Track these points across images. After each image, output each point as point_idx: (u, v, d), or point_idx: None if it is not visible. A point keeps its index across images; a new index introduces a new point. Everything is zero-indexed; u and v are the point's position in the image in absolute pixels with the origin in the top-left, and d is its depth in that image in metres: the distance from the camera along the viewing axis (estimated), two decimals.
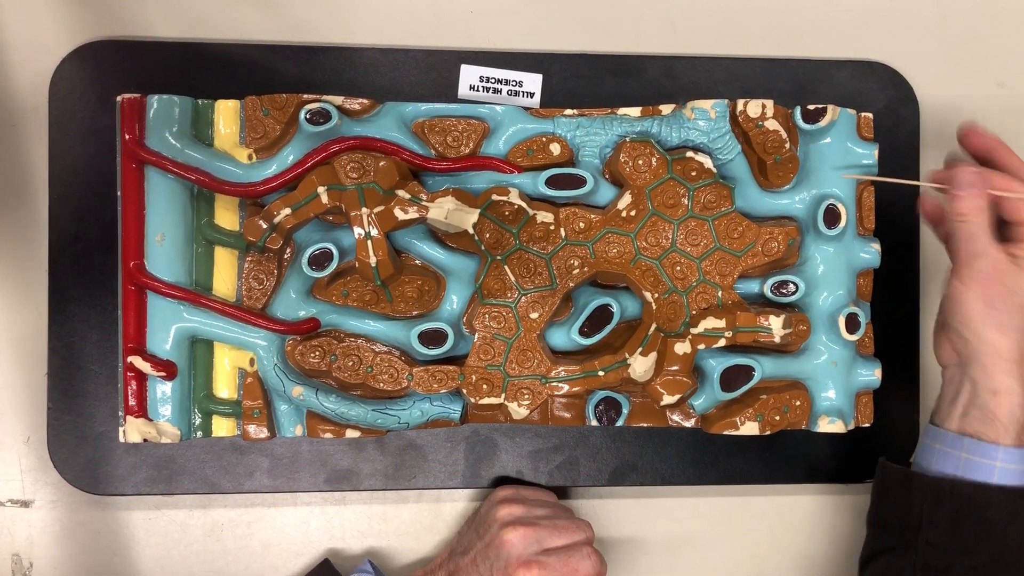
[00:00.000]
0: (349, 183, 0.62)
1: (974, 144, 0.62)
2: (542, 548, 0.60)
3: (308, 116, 0.62)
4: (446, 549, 0.65)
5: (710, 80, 0.70)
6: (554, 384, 0.64)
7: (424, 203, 0.62)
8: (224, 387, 0.65)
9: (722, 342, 0.64)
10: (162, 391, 0.63)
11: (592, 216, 0.64)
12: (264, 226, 0.62)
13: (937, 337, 0.62)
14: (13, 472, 0.68)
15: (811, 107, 0.65)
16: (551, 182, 0.64)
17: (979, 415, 0.58)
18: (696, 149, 0.65)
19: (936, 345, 0.62)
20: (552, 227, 0.64)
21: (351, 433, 0.65)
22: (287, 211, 0.62)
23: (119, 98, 0.63)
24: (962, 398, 0.59)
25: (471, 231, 0.63)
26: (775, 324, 0.63)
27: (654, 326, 0.64)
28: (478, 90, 0.68)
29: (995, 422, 0.57)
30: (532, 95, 0.68)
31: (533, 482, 0.69)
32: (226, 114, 0.64)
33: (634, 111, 0.66)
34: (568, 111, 0.66)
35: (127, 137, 0.62)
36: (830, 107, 0.65)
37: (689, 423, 0.67)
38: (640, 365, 0.63)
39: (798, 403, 0.65)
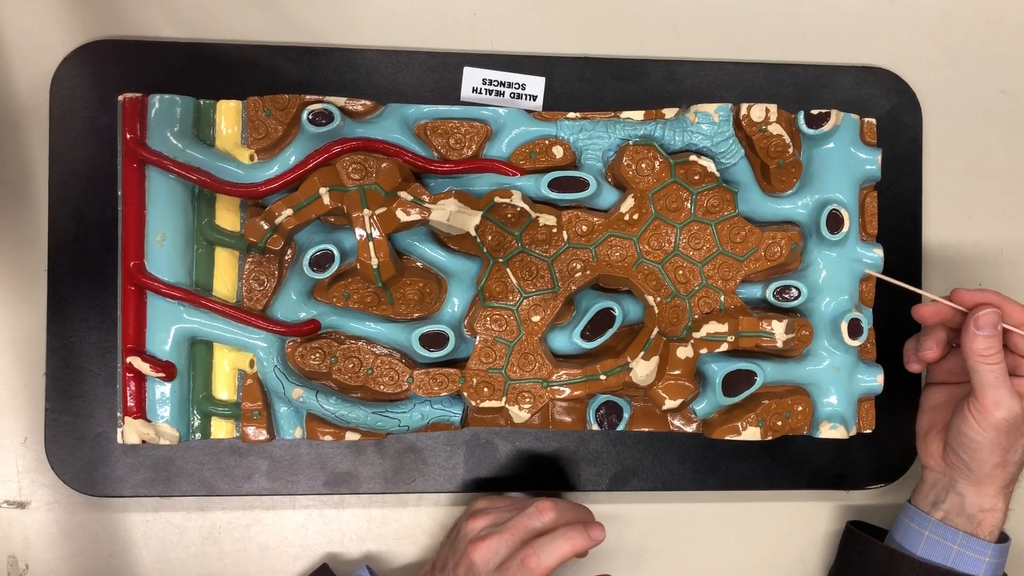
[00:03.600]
0: (351, 184, 0.62)
1: (967, 301, 0.63)
2: (500, 559, 0.58)
3: (310, 117, 0.62)
4: (429, 561, 0.65)
5: (713, 84, 0.70)
6: (555, 388, 0.64)
7: (426, 205, 0.62)
8: (223, 388, 0.65)
9: (724, 347, 0.63)
10: (161, 392, 0.63)
11: (595, 219, 0.64)
12: (265, 227, 0.62)
13: (925, 443, 0.65)
14: (10, 473, 0.67)
15: (814, 112, 0.65)
16: (554, 185, 0.64)
17: (964, 522, 0.63)
18: (699, 153, 0.64)
19: (923, 450, 0.65)
20: (554, 230, 0.64)
21: (351, 436, 0.64)
22: (288, 212, 0.62)
23: (121, 97, 0.63)
24: (946, 505, 0.64)
25: (473, 233, 0.63)
26: (777, 329, 0.63)
27: (656, 330, 0.64)
28: (481, 92, 0.68)
29: (978, 531, 0.62)
30: (535, 98, 0.68)
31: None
32: (228, 114, 0.64)
33: (637, 114, 0.65)
34: (571, 114, 0.66)
35: (128, 137, 0.62)
36: (833, 112, 0.65)
37: (690, 428, 0.67)
38: (642, 369, 0.63)
39: (800, 408, 0.65)
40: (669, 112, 0.65)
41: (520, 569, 0.57)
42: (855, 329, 0.65)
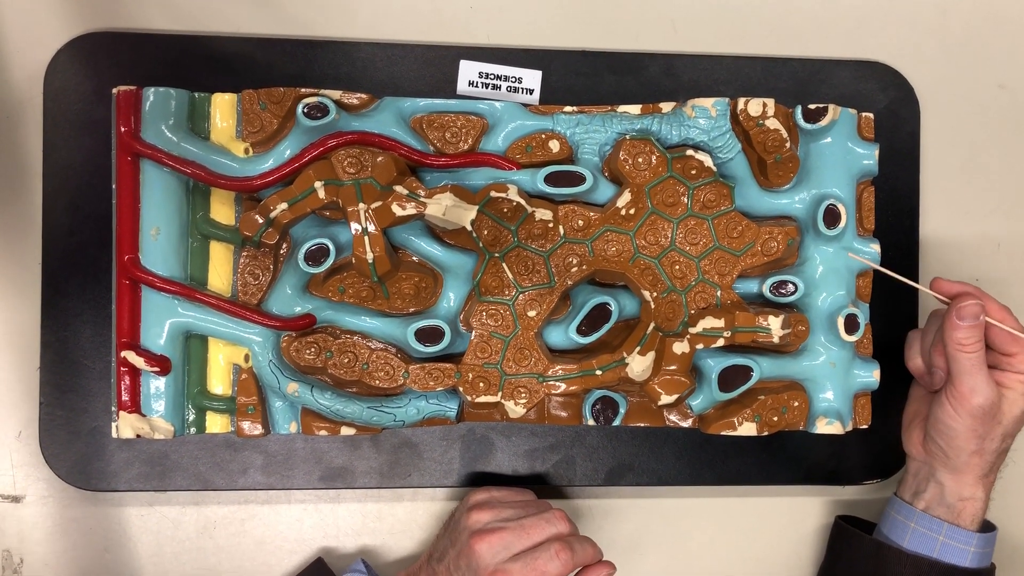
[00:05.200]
0: (346, 178, 0.62)
1: (948, 291, 0.63)
2: (510, 554, 0.58)
3: (306, 110, 0.62)
4: (425, 552, 0.65)
5: (710, 79, 0.69)
6: (551, 383, 0.63)
7: (422, 199, 0.62)
8: (218, 383, 0.65)
9: (721, 342, 0.63)
10: (156, 387, 0.63)
11: (591, 214, 0.64)
12: (260, 221, 0.62)
13: (908, 433, 0.66)
14: (4, 467, 0.67)
15: (812, 106, 0.65)
16: (550, 179, 0.63)
17: (945, 512, 0.63)
18: (696, 147, 0.64)
19: (906, 439, 0.66)
20: (551, 225, 0.63)
21: (346, 430, 0.64)
22: (283, 206, 0.62)
23: (115, 90, 0.62)
24: (927, 494, 0.64)
25: (469, 228, 0.63)
26: (774, 324, 0.63)
27: (652, 325, 0.63)
28: (477, 86, 0.68)
29: (959, 520, 0.63)
30: (531, 92, 0.68)
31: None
32: (223, 107, 0.64)
33: (634, 109, 0.65)
34: (568, 108, 0.65)
35: (123, 130, 0.62)
36: (831, 107, 0.65)
37: (686, 423, 0.66)
38: (638, 364, 0.63)
39: (796, 404, 0.65)
40: (666, 106, 0.65)
41: (552, 560, 0.58)
42: (852, 324, 0.65)
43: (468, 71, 0.68)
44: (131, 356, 0.62)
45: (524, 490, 0.65)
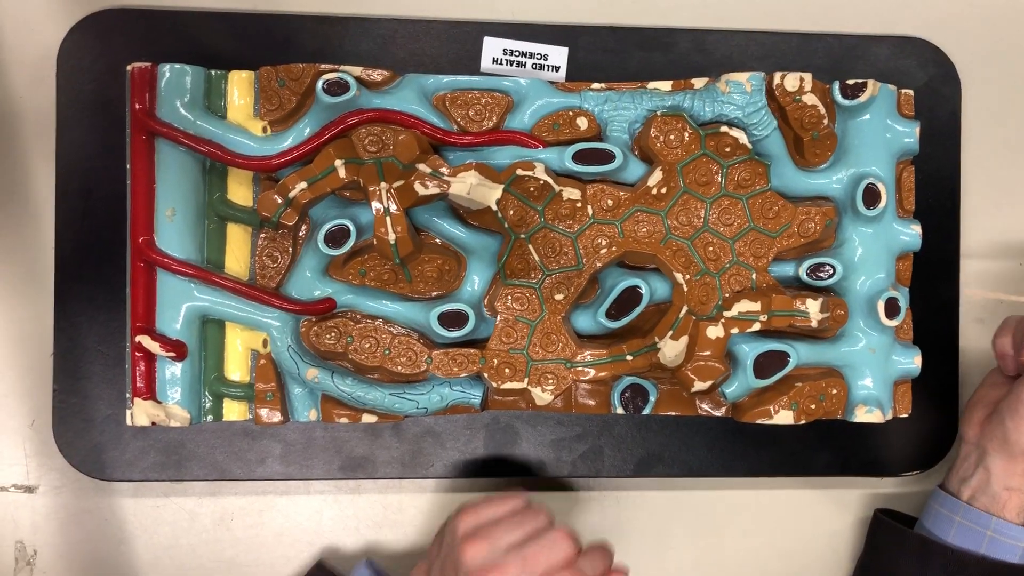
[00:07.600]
0: (368, 157, 0.60)
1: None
2: None
3: (325, 86, 0.60)
4: (424, 565, 0.58)
5: (743, 55, 0.67)
6: (580, 369, 0.61)
7: (445, 178, 0.60)
8: (236, 369, 0.63)
9: (756, 326, 0.61)
10: (171, 373, 0.61)
11: (621, 193, 0.61)
12: (279, 201, 0.60)
13: (971, 412, 0.63)
14: (17, 456, 0.66)
15: (850, 82, 0.62)
16: (578, 157, 0.61)
17: (988, 502, 0.61)
18: (730, 124, 0.62)
19: (967, 419, 0.63)
20: (579, 204, 0.61)
21: (367, 418, 0.62)
22: (303, 185, 0.60)
23: (129, 67, 0.61)
24: (973, 481, 0.62)
25: (494, 208, 0.61)
26: (812, 308, 0.61)
27: (685, 309, 0.61)
28: (501, 63, 0.65)
29: (1004, 513, 0.60)
30: (557, 69, 0.66)
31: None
32: (240, 85, 0.62)
33: (665, 85, 0.63)
34: (596, 84, 0.63)
35: (137, 107, 0.60)
36: (870, 82, 0.62)
37: (719, 412, 0.64)
38: (670, 350, 0.61)
39: (834, 391, 0.62)
40: (699, 82, 0.63)
41: None
42: (892, 309, 0.62)
43: (492, 47, 0.65)
44: (146, 341, 0.60)
45: (515, 494, 0.58)
